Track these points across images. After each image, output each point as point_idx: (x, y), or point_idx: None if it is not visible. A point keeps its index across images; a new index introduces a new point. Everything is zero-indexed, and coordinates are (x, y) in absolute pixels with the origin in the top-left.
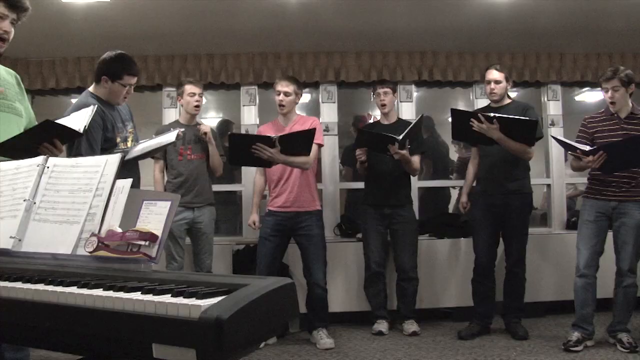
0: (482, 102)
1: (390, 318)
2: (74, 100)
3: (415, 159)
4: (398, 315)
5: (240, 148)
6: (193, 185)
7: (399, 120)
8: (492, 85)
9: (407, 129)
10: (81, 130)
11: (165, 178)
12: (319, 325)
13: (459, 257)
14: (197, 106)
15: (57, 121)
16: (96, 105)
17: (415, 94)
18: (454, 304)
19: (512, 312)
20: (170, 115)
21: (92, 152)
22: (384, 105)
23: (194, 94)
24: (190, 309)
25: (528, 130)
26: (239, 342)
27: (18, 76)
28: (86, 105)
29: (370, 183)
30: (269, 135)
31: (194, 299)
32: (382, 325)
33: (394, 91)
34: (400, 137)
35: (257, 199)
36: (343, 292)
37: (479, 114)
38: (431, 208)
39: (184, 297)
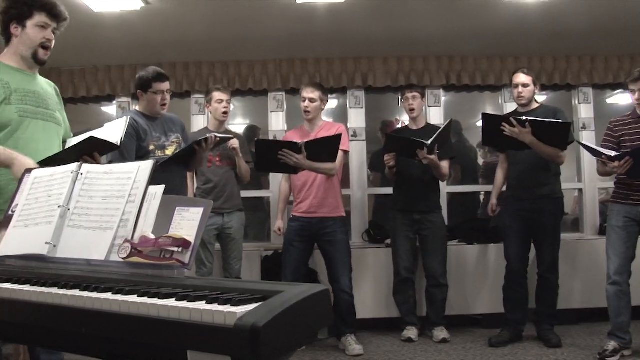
0: (511, 106)
1: (419, 325)
2: (104, 108)
3: (444, 164)
4: (427, 321)
5: (267, 154)
6: (222, 191)
7: (428, 125)
8: (520, 88)
9: (436, 134)
10: (118, 143)
11: (195, 184)
12: (347, 331)
13: (489, 263)
14: (225, 112)
15: (94, 134)
16: (129, 116)
17: (443, 99)
18: (484, 310)
19: (544, 320)
20: (199, 121)
21: (122, 159)
22: (412, 110)
23: (222, 101)
24: (225, 316)
25: (561, 133)
26: (275, 349)
27: (57, 88)
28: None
29: (399, 188)
30: (295, 141)
31: (228, 305)
32: (411, 332)
33: (423, 96)
34: (429, 141)
35: (283, 205)
36: (372, 298)
37: (510, 118)
38: (460, 213)
39: (218, 304)
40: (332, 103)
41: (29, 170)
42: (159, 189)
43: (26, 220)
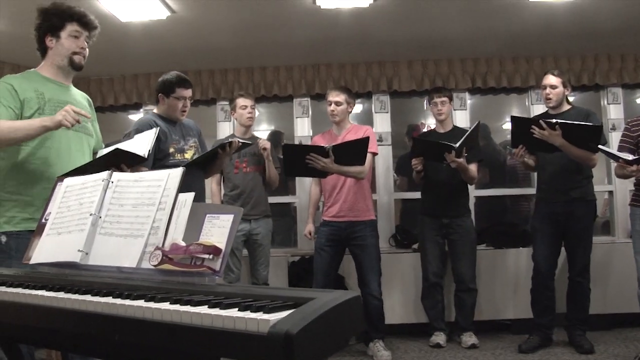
0: (538, 108)
1: (448, 330)
2: (131, 117)
3: (473, 167)
4: (456, 327)
5: (295, 159)
6: (249, 197)
7: (455, 128)
8: (548, 90)
9: (464, 137)
10: (145, 155)
11: (222, 191)
12: (375, 336)
13: (518, 267)
14: (249, 118)
15: (122, 146)
16: (157, 128)
17: (468, 102)
18: (513, 315)
19: (576, 324)
20: (225, 128)
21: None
22: (441, 114)
23: (246, 107)
24: (258, 323)
25: (592, 136)
26: (308, 356)
27: (90, 100)
28: (146, 121)
29: (427, 192)
30: (322, 145)
31: (261, 313)
32: (439, 338)
33: (451, 99)
34: (457, 144)
35: (313, 209)
36: (399, 303)
37: (540, 120)
38: (487, 217)
39: (251, 312)
40: (357, 108)
41: (60, 179)
42: (189, 197)
43: (59, 228)
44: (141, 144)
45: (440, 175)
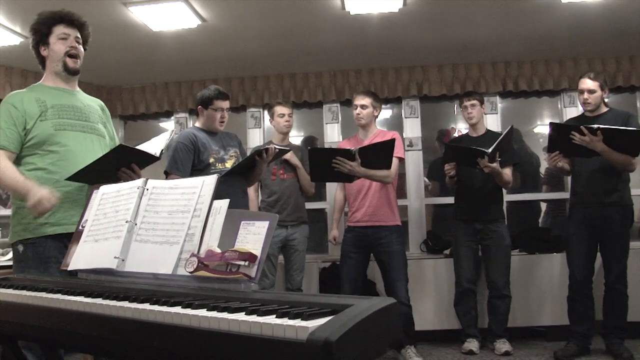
0: (571, 111)
1: (481, 337)
2: (162, 124)
3: (507, 171)
4: (489, 333)
5: (321, 163)
6: (286, 204)
7: (488, 131)
8: (586, 95)
9: (497, 141)
10: (157, 154)
11: (260, 197)
12: (406, 343)
13: (552, 273)
14: (287, 126)
15: (139, 147)
16: (173, 130)
17: (499, 105)
18: (548, 322)
19: (613, 332)
20: (255, 135)
21: (175, 168)
22: (471, 118)
23: (284, 115)
24: (297, 330)
25: (634, 140)
26: None
27: (103, 104)
28: (186, 134)
29: (461, 198)
30: (348, 148)
31: (299, 320)
32: (472, 344)
33: (482, 103)
34: (490, 150)
35: (338, 214)
36: (432, 309)
37: (581, 127)
38: (520, 222)
39: (289, 318)
40: (387, 113)
41: (97, 187)
42: (224, 203)
43: (95, 235)
44: (155, 144)
45: (474, 180)
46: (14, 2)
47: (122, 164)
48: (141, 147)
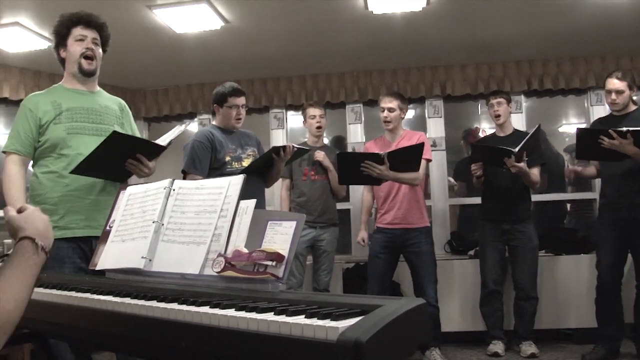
0: (598, 110)
1: (506, 339)
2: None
3: (535, 171)
4: (515, 335)
5: (350, 167)
6: (316, 204)
7: (515, 131)
8: (614, 95)
9: (524, 141)
10: (165, 144)
11: (291, 197)
12: (431, 344)
13: (580, 275)
14: (318, 127)
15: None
16: (186, 123)
17: (524, 104)
18: (575, 324)
19: None
20: (278, 136)
21: (193, 167)
22: (498, 117)
23: (314, 116)
24: (327, 330)
25: None
26: None
27: (124, 103)
28: (202, 133)
29: (488, 198)
30: (376, 152)
31: (328, 320)
32: (498, 346)
33: (508, 101)
34: (517, 149)
35: (366, 216)
36: (457, 310)
37: (610, 130)
38: (545, 223)
39: (318, 319)
40: (410, 113)
41: (124, 187)
42: (251, 204)
43: (123, 235)
44: (166, 136)
45: (501, 180)
46: (42, 7)
47: (128, 154)
48: (156, 141)
